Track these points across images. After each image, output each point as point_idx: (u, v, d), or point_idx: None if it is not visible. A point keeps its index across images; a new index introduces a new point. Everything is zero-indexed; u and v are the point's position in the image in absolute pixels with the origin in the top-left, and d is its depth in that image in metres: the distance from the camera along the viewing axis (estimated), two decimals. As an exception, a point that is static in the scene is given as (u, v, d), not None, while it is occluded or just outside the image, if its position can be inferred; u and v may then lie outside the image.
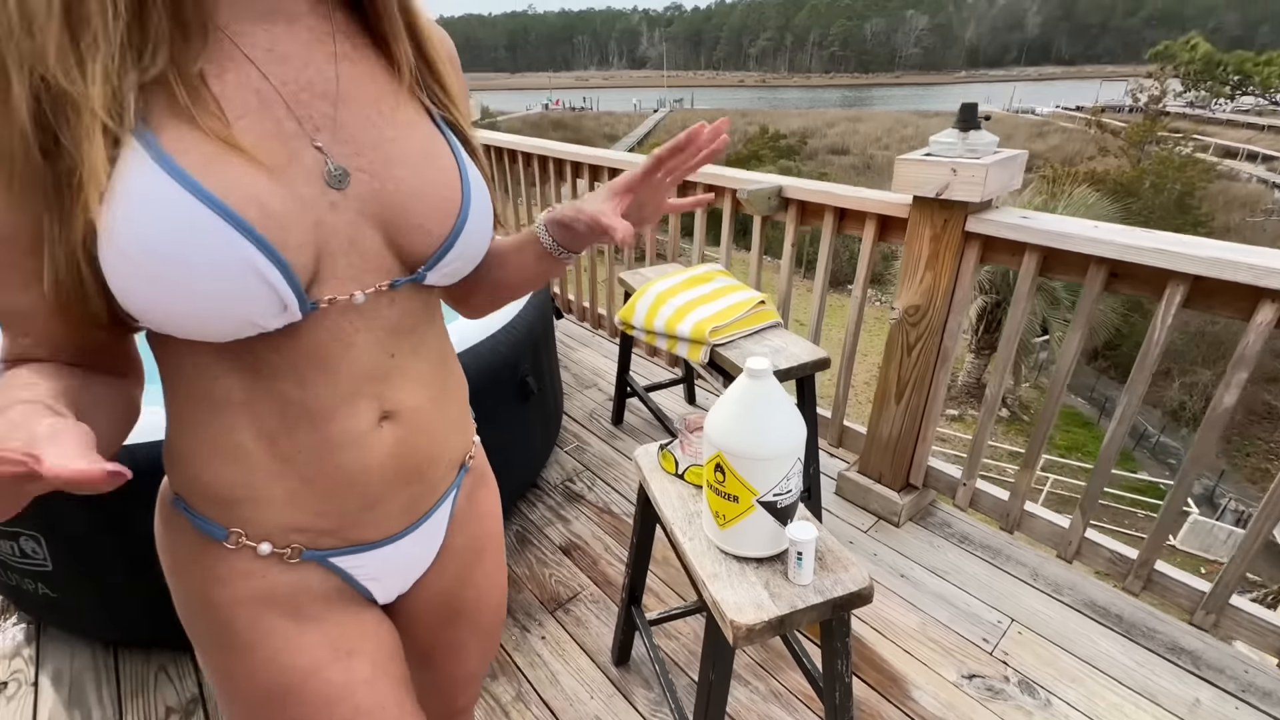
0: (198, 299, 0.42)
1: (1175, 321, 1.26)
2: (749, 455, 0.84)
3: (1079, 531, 1.54)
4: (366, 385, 0.52)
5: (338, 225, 0.47)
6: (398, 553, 0.61)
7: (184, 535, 0.55)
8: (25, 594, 1.45)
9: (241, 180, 0.42)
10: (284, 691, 0.56)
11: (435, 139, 0.53)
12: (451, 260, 0.54)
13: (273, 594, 0.55)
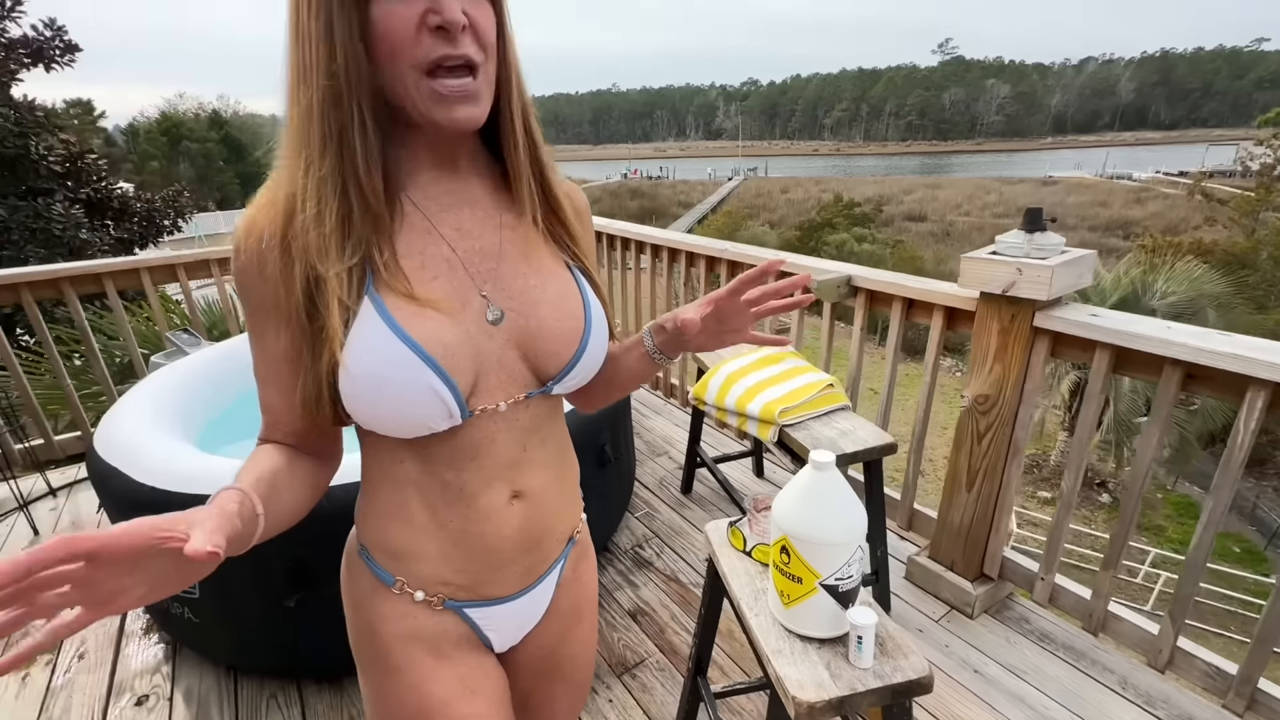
0: (395, 409, 0.59)
1: (1261, 425, 1.25)
2: (813, 540, 0.93)
3: (1169, 639, 1.47)
4: (504, 472, 0.67)
5: (492, 351, 0.63)
6: (515, 609, 0.74)
7: (363, 578, 0.71)
8: (172, 617, 1.68)
9: (430, 326, 0.59)
10: (422, 712, 0.69)
11: (567, 282, 0.69)
12: (574, 376, 0.69)
13: (420, 633, 0.70)
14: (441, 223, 0.63)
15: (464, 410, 0.61)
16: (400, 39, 0.52)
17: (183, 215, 8.75)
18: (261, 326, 0.60)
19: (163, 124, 38.43)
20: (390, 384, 0.57)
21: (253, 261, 0.58)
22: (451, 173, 0.64)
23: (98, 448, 1.70)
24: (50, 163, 7.12)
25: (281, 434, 0.64)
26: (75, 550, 0.40)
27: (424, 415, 0.60)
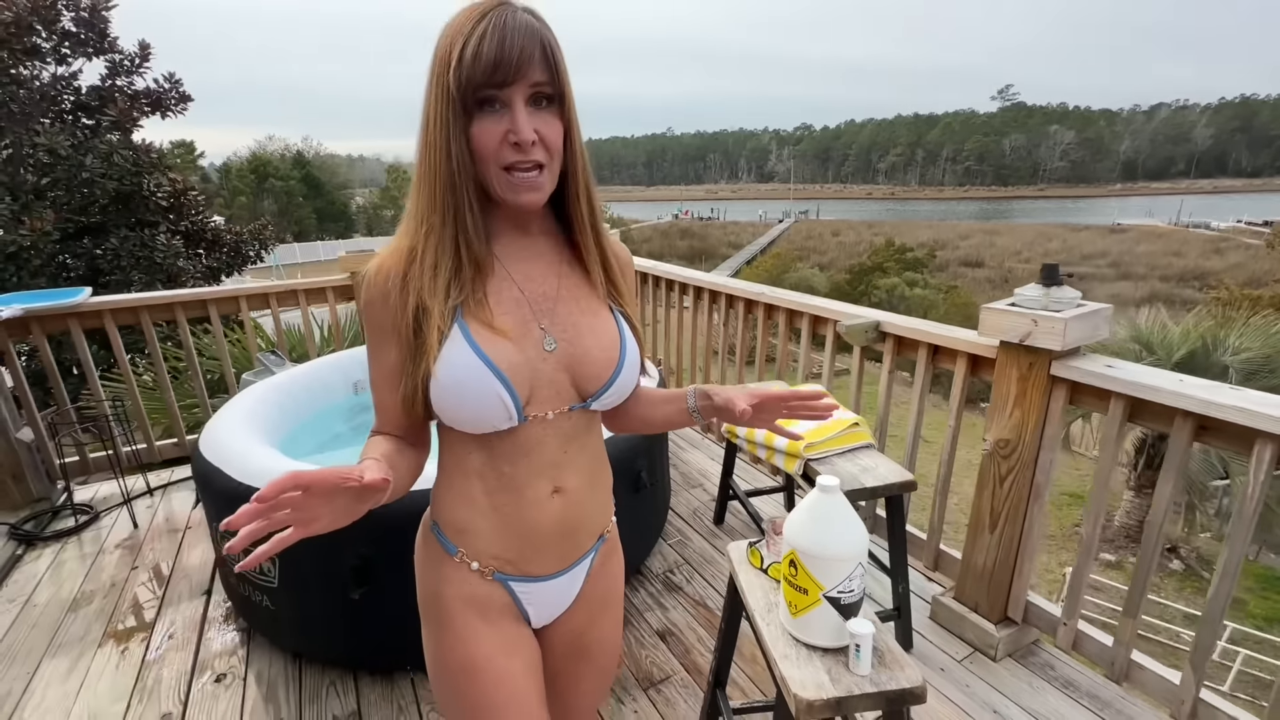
0: (471, 409, 0.77)
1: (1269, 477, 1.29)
2: (817, 555, 1.04)
3: (1191, 691, 1.47)
4: (548, 469, 0.84)
5: (545, 371, 0.81)
6: (551, 588, 0.89)
7: (433, 547, 0.88)
8: (251, 604, 1.89)
9: (500, 348, 0.77)
10: (470, 666, 0.84)
11: (609, 321, 0.86)
12: (609, 395, 0.85)
13: (474, 598, 0.86)
14: (514, 271, 0.82)
15: (521, 415, 0.79)
16: (488, 149, 0.72)
17: (265, 247, 9.55)
18: (381, 343, 0.78)
19: (252, 163, 41.84)
20: (468, 389, 0.75)
21: (380, 294, 0.76)
22: (524, 234, 0.83)
23: (202, 450, 1.96)
24: (158, 198, 7.94)
25: (390, 426, 0.83)
26: (300, 482, 0.59)
27: (491, 415, 0.77)
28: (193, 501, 2.83)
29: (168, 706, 1.76)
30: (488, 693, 0.84)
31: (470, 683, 0.84)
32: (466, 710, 0.85)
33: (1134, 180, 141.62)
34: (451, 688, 0.86)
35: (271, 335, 3.98)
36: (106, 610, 2.17)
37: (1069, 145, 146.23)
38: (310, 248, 33.73)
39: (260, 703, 1.77)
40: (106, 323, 2.83)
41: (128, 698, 1.79)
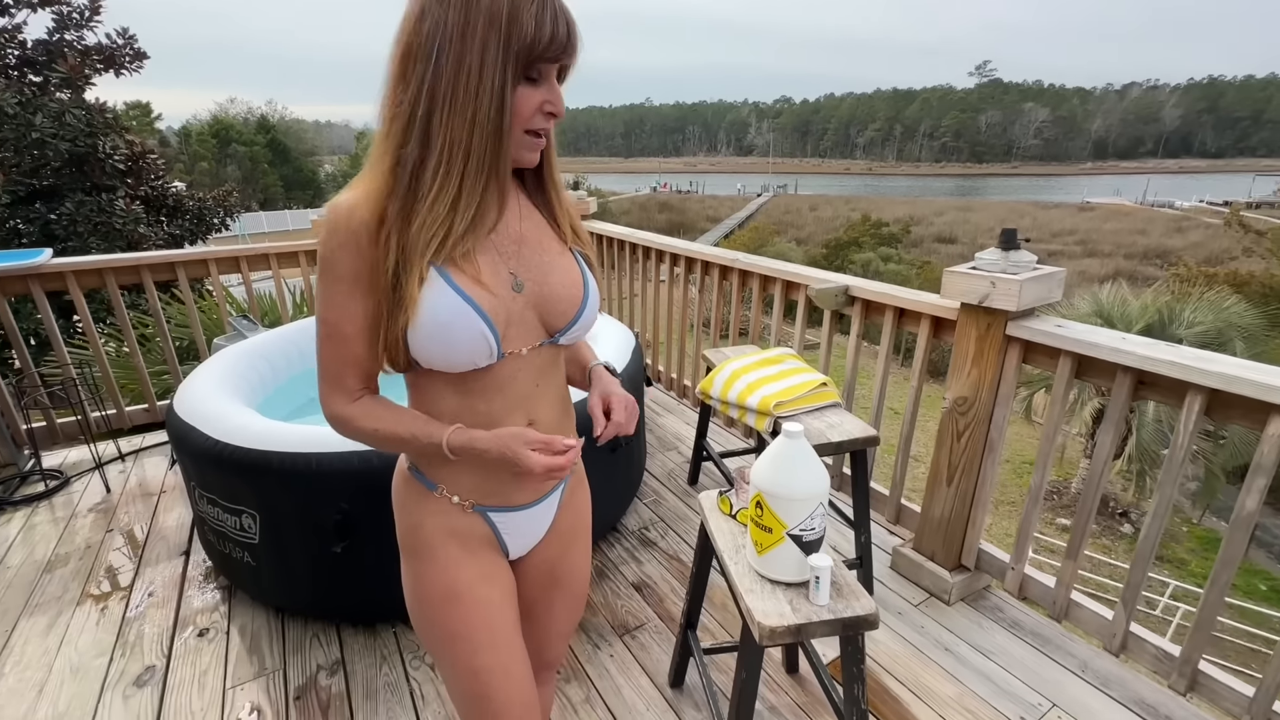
0: (456, 349, 0.79)
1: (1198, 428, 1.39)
2: (782, 495, 1.11)
3: (1123, 625, 1.60)
4: (523, 403, 0.88)
5: (516, 310, 0.84)
6: (527, 517, 0.94)
7: (413, 486, 0.91)
8: (232, 561, 1.91)
9: (479, 292, 0.79)
10: (451, 592, 0.89)
11: (571, 262, 0.89)
12: (574, 331, 0.89)
13: (455, 529, 0.90)
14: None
15: (500, 351, 0.82)
16: (526, 114, 0.76)
17: (231, 214, 9.26)
18: (352, 292, 0.77)
19: (214, 127, 40.13)
20: (454, 330, 0.78)
21: (351, 240, 0.75)
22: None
23: (177, 410, 1.95)
24: (115, 161, 7.62)
25: (366, 380, 0.85)
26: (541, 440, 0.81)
27: (474, 353, 0.80)
28: (167, 465, 2.82)
29: (151, 660, 1.79)
30: (467, 618, 0.89)
31: (451, 609, 0.89)
32: (446, 637, 0.90)
33: (1104, 159, 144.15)
34: (432, 615, 0.90)
35: (242, 302, 3.92)
36: (83, 571, 2.17)
37: (1043, 123, 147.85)
38: (278, 216, 32.70)
39: (244, 654, 1.81)
40: (70, 285, 2.76)
41: (110, 652, 1.82)
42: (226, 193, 9.30)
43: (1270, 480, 1.31)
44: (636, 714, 1.60)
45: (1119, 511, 11.26)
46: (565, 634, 1.11)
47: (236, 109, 50.58)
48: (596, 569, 2.15)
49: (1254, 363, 1.33)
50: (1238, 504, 1.34)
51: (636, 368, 2.34)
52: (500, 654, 0.90)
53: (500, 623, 0.91)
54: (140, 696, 1.67)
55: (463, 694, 0.92)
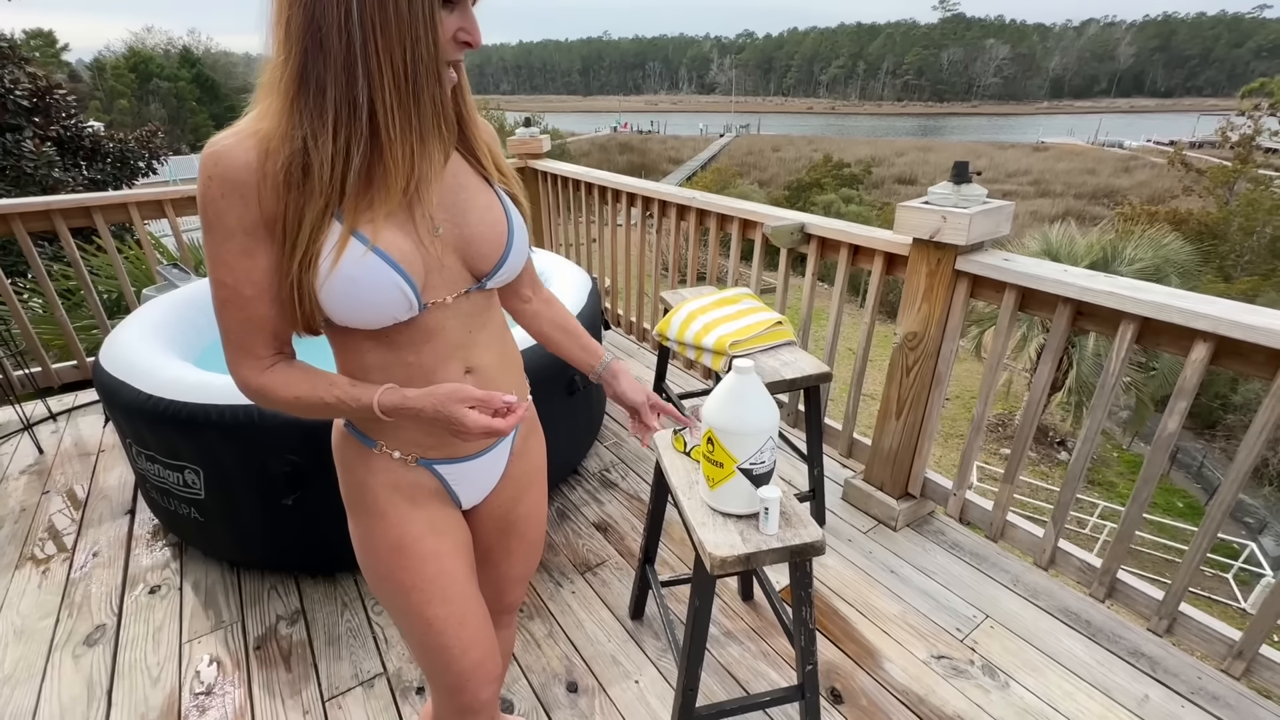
0: (371, 305, 0.73)
1: (1129, 355, 1.45)
2: (732, 430, 1.12)
3: (1051, 541, 1.72)
4: (456, 351, 0.83)
5: (435, 256, 0.78)
6: (475, 468, 0.92)
7: (351, 444, 0.87)
8: (179, 518, 1.86)
9: (392, 239, 0.73)
10: (399, 546, 0.87)
11: (492, 199, 0.83)
12: (502, 273, 0.84)
13: (399, 484, 0.87)
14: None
15: (421, 303, 0.76)
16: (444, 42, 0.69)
17: (157, 157, 8.56)
18: (247, 248, 0.69)
19: (131, 60, 36.67)
20: (365, 284, 0.71)
21: (236, 189, 0.66)
22: None
23: (104, 364, 1.84)
24: (17, 97, 6.91)
25: (278, 344, 0.77)
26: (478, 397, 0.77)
27: (392, 308, 0.74)
28: (102, 423, 2.69)
29: (101, 618, 1.75)
30: (418, 570, 0.87)
31: (400, 562, 0.87)
32: (398, 590, 0.88)
33: (1060, 98, 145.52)
34: (383, 570, 0.88)
35: (173, 251, 3.67)
36: (19, 534, 2.08)
37: (1003, 60, 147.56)
38: (211, 158, 30.49)
39: (200, 609, 1.78)
40: (-29, 232, 2.53)
41: (55, 613, 1.77)
42: (151, 133, 8.57)
43: (1190, 403, 1.38)
44: (598, 645, 1.65)
45: (1057, 440, 12.00)
46: (523, 578, 1.11)
47: (155, 39, 46.24)
48: (558, 511, 2.17)
49: (1182, 291, 1.38)
50: (1160, 425, 1.42)
51: (594, 311, 2.31)
52: (453, 604, 0.89)
53: (452, 573, 0.90)
54: (92, 655, 1.64)
55: (419, 645, 0.91)
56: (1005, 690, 1.52)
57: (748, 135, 67.92)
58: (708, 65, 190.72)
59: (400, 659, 1.61)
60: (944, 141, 63.13)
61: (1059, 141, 58.31)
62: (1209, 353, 1.32)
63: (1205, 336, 1.31)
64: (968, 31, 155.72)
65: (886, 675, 1.56)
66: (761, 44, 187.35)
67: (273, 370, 0.76)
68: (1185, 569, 1.47)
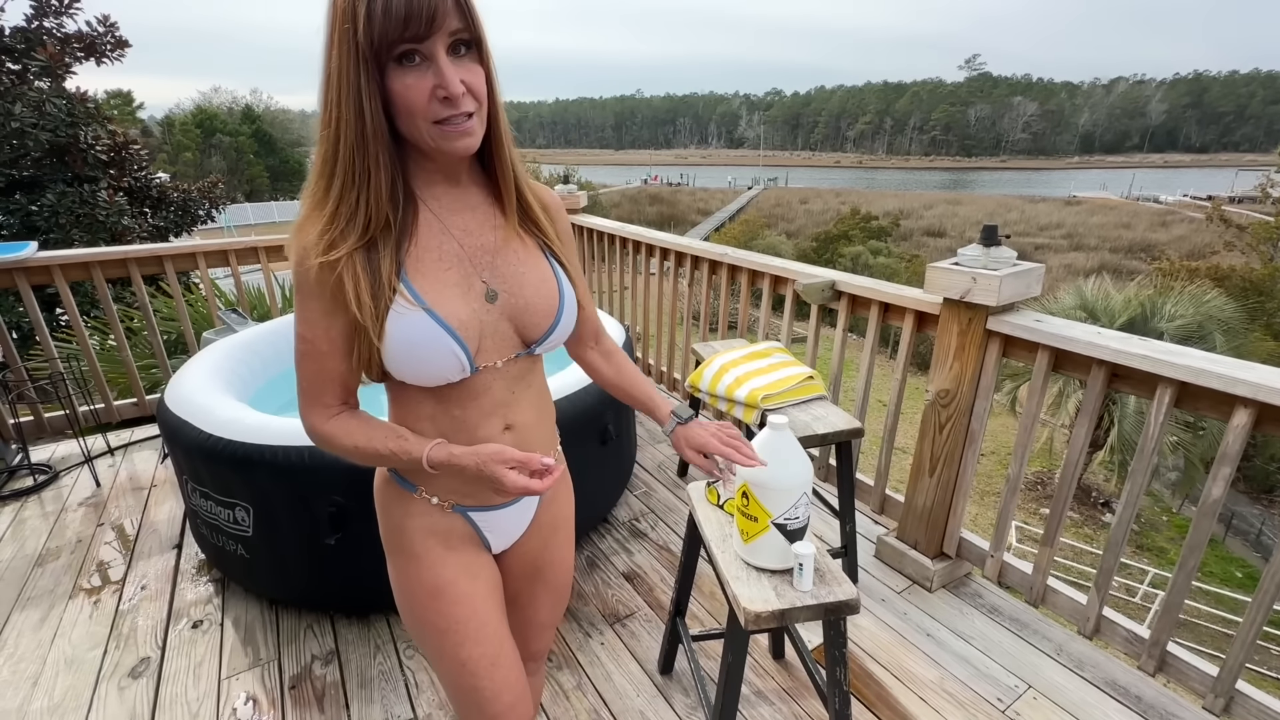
0: (426, 366, 0.80)
1: (1169, 418, 1.44)
2: (767, 485, 1.15)
3: (1096, 609, 1.66)
4: (498, 409, 0.89)
5: (490, 322, 0.84)
6: (507, 516, 0.96)
7: (393, 489, 0.92)
8: (226, 554, 1.93)
9: (448, 304, 0.80)
10: (435, 589, 0.91)
11: (546, 269, 0.89)
12: (552, 340, 0.90)
13: (435, 528, 0.92)
14: (451, 225, 0.83)
15: (473, 366, 0.83)
16: (417, 106, 0.70)
17: (216, 206, 9.13)
18: (323, 312, 0.77)
19: (197, 116, 39.47)
20: (422, 348, 0.77)
21: (306, 270, 0.75)
22: (456, 185, 0.84)
23: (168, 403, 1.96)
24: (97, 152, 7.51)
25: (344, 395, 0.84)
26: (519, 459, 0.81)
27: (445, 370, 0.80)
28: (156, 460, 2.82)
29: (146, 651, 1.81)
30: (452, 612, 0.91)
31: (436, 604, 0.91)
32: (433, 631, 0.91)
33: (1091, 153, 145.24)
34: (419, 611, 0.92)
35: (231, 295, 3.90)
36: (74, 565, 2.18)
37: (1031, 117, 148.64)
38: (264, 208, 32.27)
39: (239, 645, 1.83)
40: (56, 279, 2.75)
41: (104, 644, 1.83)
42: (212, 184, 9.16)
43: (1235, 469, 1.36)
44: (627, 699, 1.64)
45: (1101, 501, 11.48)
46: (550, 624, 1.13)
47: (221, 98, 49.81)
48: (588, 559, 2.18)
49: (1220, 356, 1.38)
50: (1204, 491, 1.40)
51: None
52: (487, 645, 0.92)
53: (485, 614, 0.93)
54: (135, 687, 1.69)
55: (453, 686, 0.93)
56: (1051, 767, 1.45)
57: (775, 188, 69.13)
58: (736, 121, 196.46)
59: (430, 704, 1.62)
60: (973, 195, 63.20)
61: (1091, 195, 57.91)
62: (1251, 419, 1.31)
63: (1246, 402, 1.30)
64: (994, 89, 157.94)
65: (924, 745, 1.51)
66: (789, 101, 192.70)
67: (337, 419, 0.84)
68: (1241, 642, 1.41)
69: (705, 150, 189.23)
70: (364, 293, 0.74)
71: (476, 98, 0.74)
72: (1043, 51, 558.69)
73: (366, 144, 0.71)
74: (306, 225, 0.76)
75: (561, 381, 2.02)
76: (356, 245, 0.74)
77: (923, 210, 46.79)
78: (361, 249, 0.75)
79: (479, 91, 0.74)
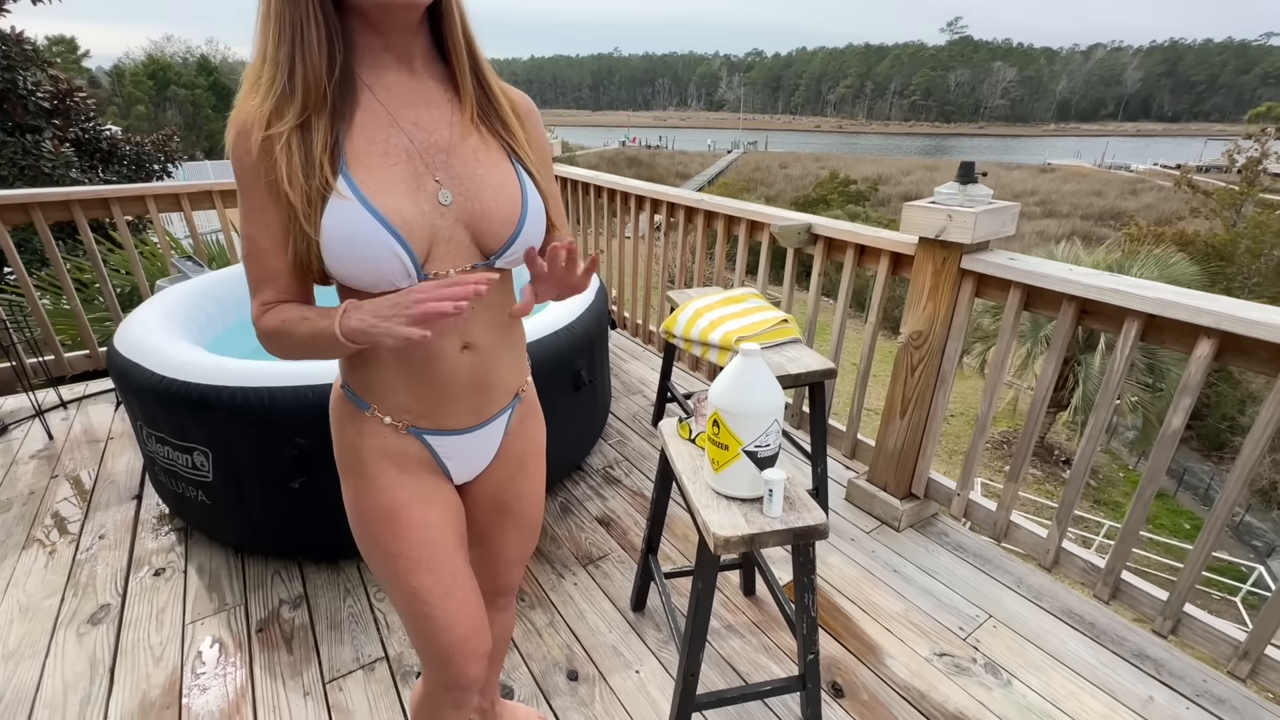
0: (364, 266, 0.73)
1: (1133, 353, 1.46)
2: (738, 412, 1.13)
3: (1055, 542, 1.71)
4: (455, 326, 0.82)
5: (443, 227, 0.78)
6: (466, 443, 0.91)
7: (346, 406, 0.88)
8: (186, 500, 1.88)
9: (392, 201, 0.73)
10: (388, 512, 0.87)
11: (508, 172, 0.82)
12: (513, 252, 0.83)
13: (388, 450, 0.87)
14: (402, 118, 0.76)
15: (420, 273, 0.76)
16: None
17: (173, 160, 8.67)
18: (260, 204, 0.73)
19: (149, 67, 37.32)
20: (358, 244, 0.71)
21: (243, 151, 0.71)
22: (410, 74, 0.78)
23: (117, 346, 1.87)
24: (38, 99, 7.05)
25: (284, 294, 0.79)
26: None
27: (387, 273, 0.73)
28: (112, 411, 2.72)
29: (105, 599, 1.76)
30: (405, 536, 0.87)
31: (386, 527, 0.87)
32: (384, 555, 0.88)
33: (1067, 121, 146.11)
34: (370, 534, 0.88)
35: (187, 247, 3.73)
36: (27, 516, 2.10)
37: (1010, 83, 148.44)
38: (225, 165, 30.75)
39: (203, 591, 1.79)
40: (-9, 220, 2.58)
41: (60, 592, 1.78)
42: (167, 136, 8.69)
43: (1195, 400, 1.39)
44: (599, 635, 1.65)
45: (1062, 460, 11.91)
46: (518, 560, 1.10)
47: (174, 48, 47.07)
48: (561, 505, 2.17)
49: (1184, 289, 1.39)
50: (1165, 422, 1.42)
51: (600, 309, 2.33)
52: (440, 574, 0.89)
53: (439, 542, 0.89)
54: (95, 633, 1.65)
55: (406, 613, 0.90)
56: (1008, 688, 1.51)
57: (755, 152, 68.37)
58: (716, 83, 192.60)
59: (401, 644, 1.62)
60: (950, 161, 63.30)
61: (1065, 163, 58.46)
62: (1213, 349, 1.33)
63: (1209, 333, 1.32)
64: (975, 54, 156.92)
65: (888, 671, 1.55)
66: (770, 63, 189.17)
67: (272, 310, 0.78)
68: (1191, 566, 1.46)
69: (684, 112, 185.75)
70: (296, 170, 0.69)
71: None
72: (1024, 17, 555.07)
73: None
74: (244, 102, 0.71)
75: (534, 324, 1.97)
76: (295, 123, 0.69)
77: (901, 176, 46.76)
78: (298, 129, 0.69)
79: None
